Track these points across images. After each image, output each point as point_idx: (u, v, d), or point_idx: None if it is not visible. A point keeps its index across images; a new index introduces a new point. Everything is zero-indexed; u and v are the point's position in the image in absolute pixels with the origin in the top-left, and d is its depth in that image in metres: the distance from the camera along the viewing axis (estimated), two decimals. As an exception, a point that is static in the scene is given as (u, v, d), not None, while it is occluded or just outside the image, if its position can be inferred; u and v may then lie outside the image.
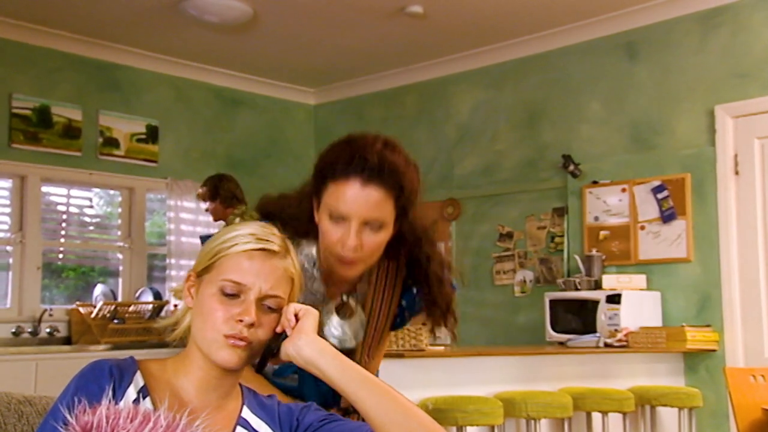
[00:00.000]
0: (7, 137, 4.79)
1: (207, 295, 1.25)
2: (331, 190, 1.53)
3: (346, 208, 1.51)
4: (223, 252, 1.26)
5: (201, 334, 1.25)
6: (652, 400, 3.85)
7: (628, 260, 4.64)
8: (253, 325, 1.23)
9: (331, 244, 1.54)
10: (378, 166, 1.51)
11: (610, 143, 4.86)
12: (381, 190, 1.51)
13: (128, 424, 1.14)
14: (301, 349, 1.27)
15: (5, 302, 4.77)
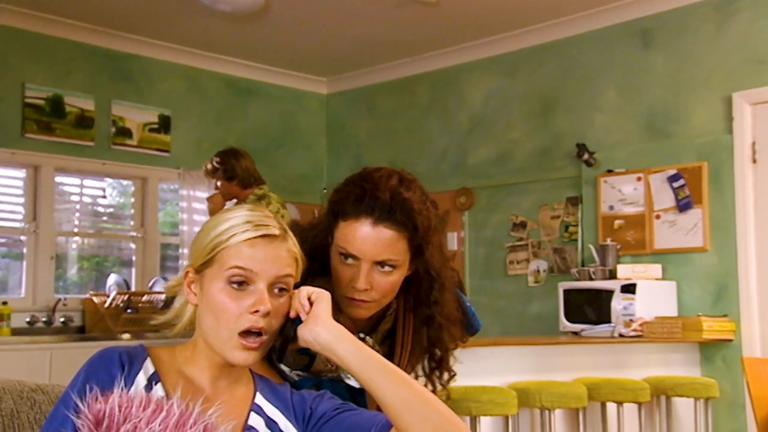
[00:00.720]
0: (21, 127, 4.80)
1: (215, 291, 1.22)
2: (342, 228, 1.48)
3: (355, 248, 1.46)
4: (221, 245, 1.22)
5: (214, 332, 1.22)
6: (667, 391, 3.82)
7: (643, 250, 4.60)
8: (269, 314, 1.21)
9: (341, 285, 1.50)
10: (389, 204, 1.45)
11: (625, 132, 4.80)
12: (393, 230, 1.46)
13: (141, 413, 1.13)
14: (319, 335, 1.25)
15: (20, 292, 4.80)
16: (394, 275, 1.50)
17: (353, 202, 1.48)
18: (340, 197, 1.51)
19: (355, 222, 1.47)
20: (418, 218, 1.48)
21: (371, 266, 1.47)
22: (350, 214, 1.48)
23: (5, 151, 4.72)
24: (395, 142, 5.90)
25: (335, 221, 1.51)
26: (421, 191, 1.52)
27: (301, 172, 6.15)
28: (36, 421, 1.28)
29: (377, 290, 1.49)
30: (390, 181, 1.49)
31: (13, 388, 1.31)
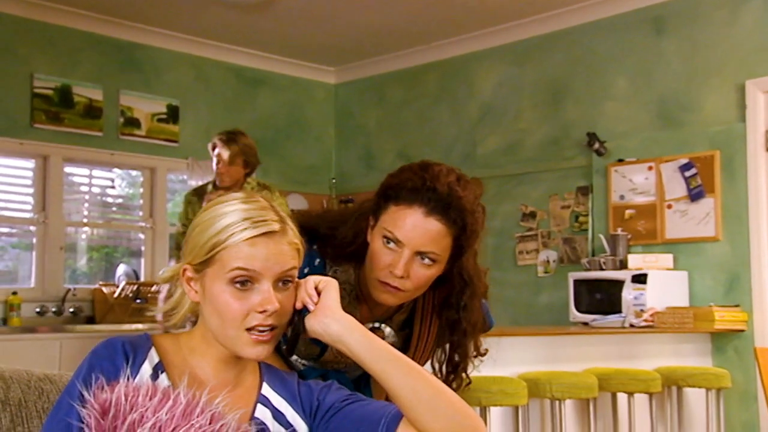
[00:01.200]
0: (29, 117, 4.80)
1: (217, 292, 1.19)
2: (392, 212, 1.47)
3: (402, 234, 1.45)
4: (220, 245, 1.18)
5: (221, 332, 1.20)
6: (679, 381, 3.79)
7: (655, 239, 4.56)
8: (277, 310, 1.19)
9: (378, 268, 1.48)
10: (446, 199, 1.45)
11: (636, 120, 4.76)
12: (442, 224, 1.45)
13: (147, 402, 1.11)
14: (329, 326, 1.23)
15: (29, 282, 4.81)
16: (431, 269, 1.49)
17: (410, 189, 1.47)
18: (397, 182, 1.50)
19: (407, 208, 1.46)
20: (468, 218, 1.48)
21: (412, 255, 1.46)
22: (404, 200, 1.47)
23: (14, 141, 4.72)
24: (404, 132, 5.87)
25: (385, 204, 1.50)
26: (474, 194, 1.52)
27: (310, 163, 6.13)
28: (44, 410, 1.27)
29: (413, 281, 1.48)
30: (449, 177, 1.49)
31: (21, 378, 1.30)
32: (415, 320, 1.63)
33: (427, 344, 1.64)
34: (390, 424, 1.22)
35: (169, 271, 1.28)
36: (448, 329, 1.59)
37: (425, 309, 1.63)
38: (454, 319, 1.58)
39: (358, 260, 1.54)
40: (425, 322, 1.63)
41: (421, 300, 1.62)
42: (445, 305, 1.59)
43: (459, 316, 1.58)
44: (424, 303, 1.63)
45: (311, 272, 1.43)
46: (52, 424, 1.13)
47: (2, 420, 1.22)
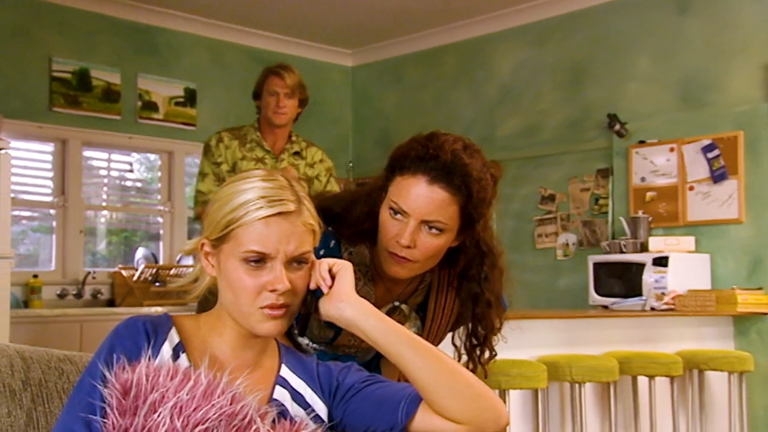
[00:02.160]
0: (48, 100, 4.81)
1: (231, 269, 1.20)
2: (397, 183, 1.47)
3: (406, 204, 1.44)
4: (235, 222, 1.19)
5: (235, 308, 1.20)
6: (700, 364, 3.76)
7: (676, 222, 4.51)
8: (288, 290, 1.18)
9: (386, 239, 1.48)
10: (449, 166, 1.43)
11: (658, 101, 4.69)
12: (447, 192, 1.43)
13: (168, 382, 1.11)
14: (343, 311, 1.23)
15: (50, 265, 4.84)
16: (439, 239, 1.47)
17: (414, 158, 1.46)
18: (402, 153, 1.49)
19: (411, 178, 1.45)
20: (474, 185, 1.45)
21: (419, 225, 1.45)
22: (408, 169, 1.46)
23: (33, 125, 4.74)
24: (422, 115, 5.82)
25: (392, 175, 1.49)
26: (483, 162, 1.49)
27: (326, 146, 6.01)
28: (64, 390, 1.27)
29: (420, 250, 1.46)
30: (454, 145, 1.47)
31: (41, 358, 1.30)
32: (429, 300, 1.61)
33: (441, 324, 1.62)
34: (410, 405, 1.21)
35: (191, 244, 1.28)
36: (470, 302, 1.57)
37: (440, 288, 1.61)
38: (476, 292, 1.56)
39: (373, 239, 1.53)
40: (440, 301, 1.61)
41: (436, 279, 1.61)
42: (464, 278, 1.58)
43: (481, 288, 1.56)
44: (439, 282, 1.61)
45: (326, 254, 1.42)
46: (74, 404, 1.13)
47: (23, 400, 1.22)
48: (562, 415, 3.41)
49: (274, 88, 3.26)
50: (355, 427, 1.25)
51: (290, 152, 3.27)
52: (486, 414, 1.19)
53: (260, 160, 3.20)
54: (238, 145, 3.20)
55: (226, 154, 3.18)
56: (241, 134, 3.25)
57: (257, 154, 3.21)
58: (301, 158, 3.31)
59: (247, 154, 3.19)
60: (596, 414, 3.52)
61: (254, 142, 3.22)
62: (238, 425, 1.10)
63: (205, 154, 3.23)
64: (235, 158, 3.17)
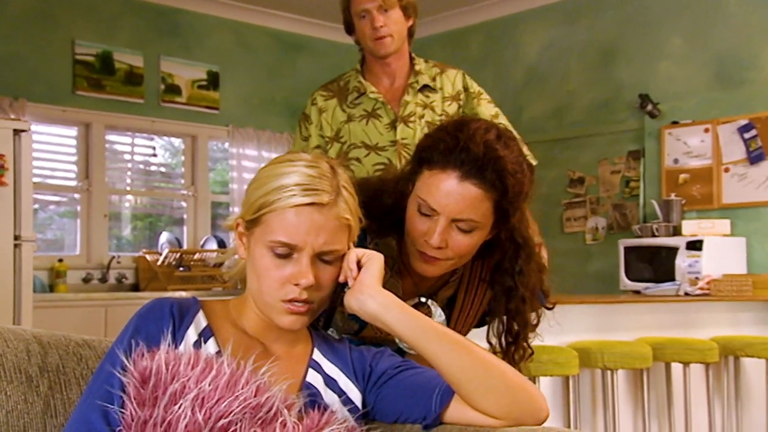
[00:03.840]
0: (71, 84, 4.79)
1: (258, 255, 1.15)
2: (425, 178, 1.36)
3: (436, 201, 1.34)
4: (267, 206, 1.13)
5: (258, 296, 1.16)
6: (736, 351, 3.65)
7: (711, 205, 4.40)
8: (312, 285, 1.12)
9: (414, 237, 1.39)
10: (482, 160, 1.32)
11: (692, 80, 4.56)
12: (480, 189, 1.32)
13: (189, 371, 1.05)
14: (365, 304, 1.16)
15: (75, 249, 4.84)
16: (472, 237, 1.37)
17: (443, 151, 1.35)
18: (430, 144, 1.38)
19: (441, 173, 1.34)
20: (509, 180, 1.34)
21: (449, 223, 1.35)
22: (437, 163, 1.35)
23: (57, 109, 4.72)
24: (447, 96, 5.73)
25: (419, 168, 1.39)
26: (519, 152, 1.38)
27: (351, 129, 6.04)
28: (83, 376, 1.22)
29: (452, 250, 1.37)
30: (487, 135, 1.35)
31: (59, 343, 1.25)
32: (458, 293, 1.53)
33: (468, 318, 1.55)
34: (444, 395, 1.15)
35: (230, 220, 1.23)
36: (504, 297, 1.48)
37: (471, 281, 1.53)
38: (509, 286, 1.46)
39: (400, 231, 1.44)
40: (469, 295, 1.53)
41: (467, 273, 1.53)
42: (498, 271, 1.48)
43: (515, 282, 1.46)
44: (470, 275, 1.53)
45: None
46: (92, 392, 1.08)
47: (40, 386, 1.17)
48: (594, 403, 3.33)
49: (360, 6, 2.25)
50: (386, 415, 1.20)
51: (416, 90, 2.24)
52: (523, 407, 1.12)
53: (371, 116, 2.21)
54: (338, 105, 2.26)
55: (322, 121, 2.25)
56: (340, 86, 2.28)
57: (365, 108, 2.22)
58: (433, 91, 2.26)
59: (353, 112, 2.22)
60: (628, 402, 3.44)
61: (356, 92, 2.23)
62: (264, 418, 1.04)
63: (298, 127, 2.34)
64: (337, 124, 2.22)
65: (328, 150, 2.19)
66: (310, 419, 1.06)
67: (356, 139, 2.11)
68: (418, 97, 2.22)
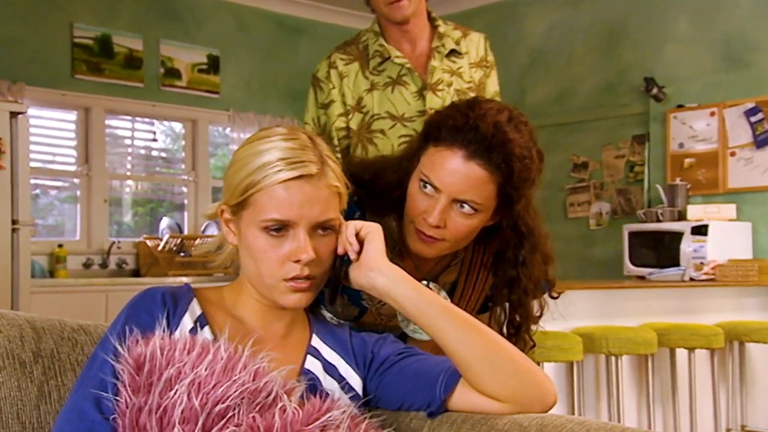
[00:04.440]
0: (70, 67, 4.74)
1: (251, 237, 1.10)
2: (430, 154, 1.33)
3: (438, 179, 1.30)
4: (253, 186, 1.09)
5: (258, 279, 1.12)
6: (742, 336, 3.62)
7: (716, 189, 4.36)
8: (313, 261, 1.08)
9: (412, 214, 1.35)
10: (489, 140, 1.28)
11: (698, 63, 4.50)
12: (485, 170, 1.29)
13: (185, 356, 1.01)
14: (374, 280, 1.13)
15: (75, 234, 4.81)
16: (472, 219, 1.33)
17: (451, 128, 1.31)
18: (439, 120, 1.34)
19: (446, 150, 1.31)
20: (516, 164, 1.30)
21: (450, 203, 1.31)
22: (444, 140, 1.31)
23: (56, 93, 4.67)
24: (450, 80, 5.67)
25: (425, 144, 1.35)
26: (530, 136, 1.34)
27: (353, 113, 5.99)
28: (78, 362, 1.18)
29: (450, 231, 1.33)
30: (498, 116, 1.31)
31: (54, 328, 1.21)
32: (460, 277, 1.49)
33: (470, 303, 1.51)
34: (449, 380, 1.12)
35: (212, 208, 1.19)
36: (506, 288, 1.43)
37: (473, 266, 1.49)
38: (512, 277, 1.42)
39: (401, 212, 1.40)
40: (470, 280, 1.49)
41: (469, 257, 1.49)
42: (501, 261, 1.44)
43: (518, 273, 1.41)
44: (472, 259, 1.49)
45: None
46: (85, 380, 1.05)
47: (34, 372, 1.14)
48: (598, 389, 3.31)
49: None
50: (389, 402, 1.16)
51: (443, 55, 1.97)
52: (530, 391, 1.09)
53: (396, 83, 1.92)
54: (360, 70, 1.96)
55: (343, 87, 1.97)
56: (359, 50, 1.99)
57: (389, 74, 1.93)
58: (460, 56, 1.98)
59: (376, 79, 1.94)
60: (633, 387, 3.41)
61: (379, 57, 1.95)
62: (262, 403, 1.01)
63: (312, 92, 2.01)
64: (359, 92, 1.95)
65: (349, 120, 1.95)
66: (311, 405, 1.03)
67: (380, 109, 1.90)
68: (445, 63, 1.96)
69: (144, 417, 0.97)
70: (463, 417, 1.12)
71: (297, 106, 5.49)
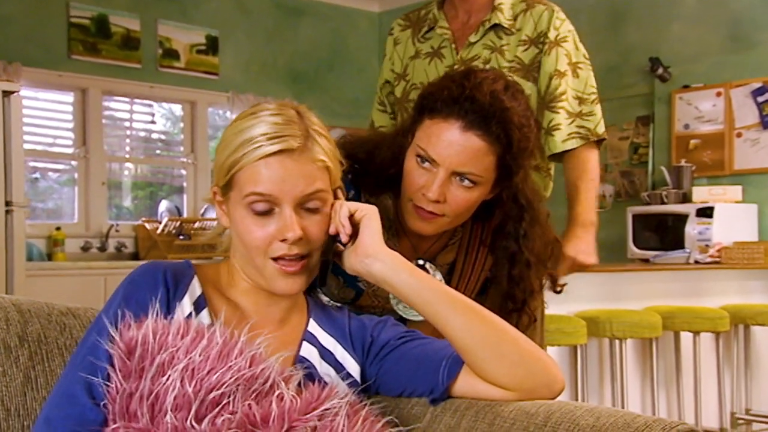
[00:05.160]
0: (66, 48, 4.67)
1: (238, 218, 1.06)
2: (426, 127, 1.29)
3: (436, 152, 1.26)
4: (236, 165, 1.05)
5: (248, 263, 1.07)
6: (747, 319, 3.58)
7: (722, 171, 4.32)
8: (301, 238, 1.03)
9: (410, 190, 1.31)
10: (487, 110, 1.24)
11: (704, 43, 4.44)
12: (483, 141, 1.25)
13: (179, 341, 0.97)
14: (370, 266, 1.07)
15: (73, 218, 4.76)
16: (472, 192, 1.29)
17: (446, 99, 1.27)
18: (433, 91, 1.30)
19: (443, 122, 1.26)
20: (515, 134, 1.26)
21: (449, 176, 1.27)
22: (440, 112, 1.27)
23: (52, 73, 4.61)
24: (452, 61, 5.60)
25: (420, 118, 1.31)
26: (526, 104, 1.31)
27: (353, 96, 5.91)
28: (66, 347, 1.14)
29: (450, 205, 1.29)
30: (494, 85, 1.27)
31: (41, 311, 1.17)
32: (458, 256, 1.44)
33: (469, 284, 1.45)
34: (452, 366, 1.08)
35: (210, 191, 1.14)
36: (507, 262, 1.39)
37: (471, 244, 1.45)
38: (513, 251, 1.38)
39: (397, 190, 1.36)
40: (469, 260, 1.44)
41: (467, 236, 1.44)
42: (501, 235, 1.40)
43: (519, 246, 1.37)
44: (470, 238, 1.44)
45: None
46: (76, 364, 1.00)
47: (20, 357, 1.10)
48: (601, 373, 3.28)
49: None
50: (389, 388, 1.12)
51: (485, 29, 1.81)
52: (536, 379, 1.05)
53: (435, 54, 1.85)
54: (411, 37, 1.90)
55: (395, 54, 1.91)
56: (419, 16, 1.91)
57: (432, 44, 1.86)
58: (508, 33, 1.81)
59: (421, 47, 1.87)
60: (637, 371, 3.38)
61: (428, 25, 1.86)
62: (259, 390, 0.96)
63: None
64: (406, 59, 1.88)
65: (395, 88, 1.87)
66: (310, 393, 0.98)
67: (417, 79, 1.83)
68: (487, 38, 1.80)
69: (135, 403, 0.93)
70: (466, 404, 1.07)
71: (297, 88, 5.44)
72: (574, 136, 1.84)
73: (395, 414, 1.10)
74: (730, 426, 3.57)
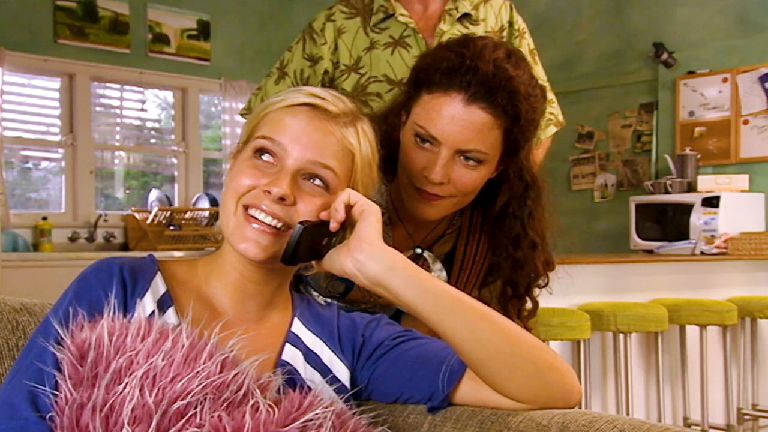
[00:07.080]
0: (53, 32, 4.52)
1: (237, 168, 0.96)
2: (424, 102, 1.17)
3: (437, 129, 1.15)
4: (266, 109, 0.96)
5: (223, 210, 0.96)
6: (755, 312, 3.47)
7: (728, 159, 4.21)
8: (286, 201, 0.91)
9: (412, 172, 1.19)
10: (491, 80, 1.13)
11: (710, 27, 4.31)
12: (489, 114, 1.15)
13: (138, 344, 0.84)
14: (364, 265, 0.92)
15: (60, 207, 4.63)
16: (478, 171, 1.18)
17: (445, 70, 1.15)
18: (430, 63, 1.18)
19: (443, 96, 1.15)
20: (522, 104, 1.15)
21: (453, 155, 1.16)
22: (439, 85, 1.15)
23: (38, 58, 4.46)
24: (450, 47, 5.48)
25: (416, 93, 1.19)
26: (530, 73, 1.19)
27: (350, 82, 5.80)
28: (18, 348, 1.02)
29: (456, 186, 1.18)
30: (496, 53, 1.16)
31: (-9, 308, 1.04)
32: (458, 246, 1.34)
33: (471, 276, 1.35)
34: (453, 371, 0.96)
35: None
36: (511, 245, 1.29)
37: (471, 232, 1.35)
38: (517, 233, 1.28)
39: (392, 171, 1.25)
40: (470, 248, 1.34)
41: (466, 222, 1.34)
42: (504, 217, 1.29)
43: (524, 227, 1.28)
44: (470, 224, 1.34)
45: None
46: (20, 370, 0.88)
47: (-36, 361, 0.97)
48: (605, 367, 3.17)
49: None
50: (383, 394, 1.00)
51: (454, 18, 1.75)
52: (552, 390, 0.93)
53: (398, 44, 1.72)
54: (361, 26, 1.76)
55: (340, 44, 1.74)
56: (364, 3, 1.77)
57: (391, 34, 1.72)
58: (474, 23, 1.77)
59: (377, 38, 1.73)
60: (641, 366, 3.27)
61: (383, 13, 1.73)
62: (231, 399, 0.84)
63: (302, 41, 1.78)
64: (358, 51, 1.74)
65: (343, 82, 1.74)
66: (289, 402, 0.86)
67: (378, 72, 1.70)
68: (456, 27, 1.75)
69: (86, 415, 0.81)
70: (469, 412, 0.95)
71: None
72: (549, 123, 1.81)
73: (389, 423, 0.98)
74: (736, 422, 3.47)
